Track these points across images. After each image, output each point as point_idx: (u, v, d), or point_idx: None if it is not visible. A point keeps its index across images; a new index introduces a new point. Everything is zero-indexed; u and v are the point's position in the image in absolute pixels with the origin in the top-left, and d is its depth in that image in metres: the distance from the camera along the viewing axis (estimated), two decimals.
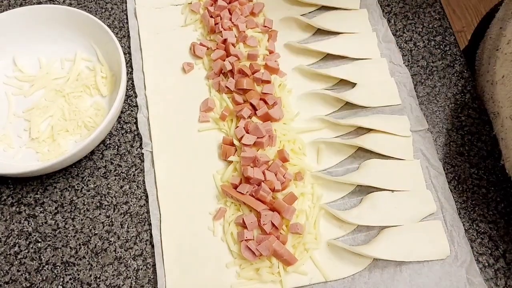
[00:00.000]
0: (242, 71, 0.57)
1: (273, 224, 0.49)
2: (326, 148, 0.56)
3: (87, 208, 0.53)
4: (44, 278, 0.49)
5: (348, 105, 0.59)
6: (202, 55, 0.61)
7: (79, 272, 0.50)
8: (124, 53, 0.62)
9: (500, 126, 0.52)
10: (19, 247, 0.51)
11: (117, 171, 0.55)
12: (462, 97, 0.59)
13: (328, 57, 0.63)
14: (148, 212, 0.53)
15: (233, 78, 0.58)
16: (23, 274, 0.50)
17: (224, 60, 0.59)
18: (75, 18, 0.58)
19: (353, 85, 0.60)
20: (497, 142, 0.54)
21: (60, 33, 0.60)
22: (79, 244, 0.51)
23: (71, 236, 0.51)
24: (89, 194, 0.54)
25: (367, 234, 0.52)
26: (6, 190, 0.54)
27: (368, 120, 0.57)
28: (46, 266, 0.50)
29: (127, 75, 0.57)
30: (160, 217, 0.52)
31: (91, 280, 0.49)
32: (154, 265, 0.50)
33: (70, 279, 0.49)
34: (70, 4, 0.66)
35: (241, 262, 0.50)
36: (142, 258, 0.50)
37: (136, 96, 0.59)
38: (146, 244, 0.51)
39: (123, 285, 0.49)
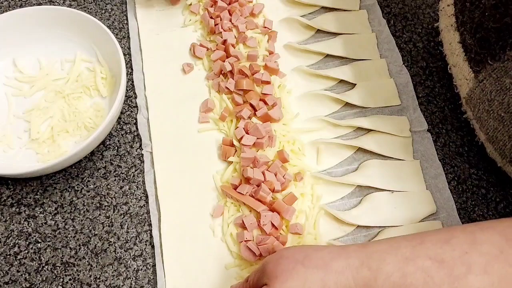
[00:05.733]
0: (242, 71, 0.57)
1: (273, 225, 0.49)
2: (326, 148, 0.56)
3: (87, 209, 0.53)
4: (44, 279, 0.49)
5: (348, 106, 0.59)
6: (202, 56, 0.62)
7: (79, 273, 0.50)
8: (124, 54, 0.62)
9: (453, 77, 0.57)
10: (19, 247, 0.51)
11: (116, 172, 0.55)
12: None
13: (328, 58, 0.63)
14: (148, 212, 0.53)
15: (233, 78, 0.58)
16: (23, 275, 0.50)
17: (224, 61, 0.59)
18: (75, 19, 0.58)
19: (353, 85, 0.60)
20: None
21: (60, 34, 0.60)
22: (79, 245, 0.51)
23: (71, 236, 0.51)
24: (89, 195, 0.54)
25: (366, 234, 0.52)
26: (6, 190, 0.54)
27: (367, 121, 0.57)
28: (46, 267, 0.50)
29: (127, 76, 0.57)
30: (160, 217, 0.52)
31: (91, 281, 0.49)
32: (154, 266, 0.50)
33: (70, 279, 0.49)
34: (70, 5, 0.67)
35: (241, 263, 0.49)
36: (142, 258, 0.50)
37: (136, 97, 0.59)
38: (146, 244, 0.51)
39: (123, 285, 0.49)
